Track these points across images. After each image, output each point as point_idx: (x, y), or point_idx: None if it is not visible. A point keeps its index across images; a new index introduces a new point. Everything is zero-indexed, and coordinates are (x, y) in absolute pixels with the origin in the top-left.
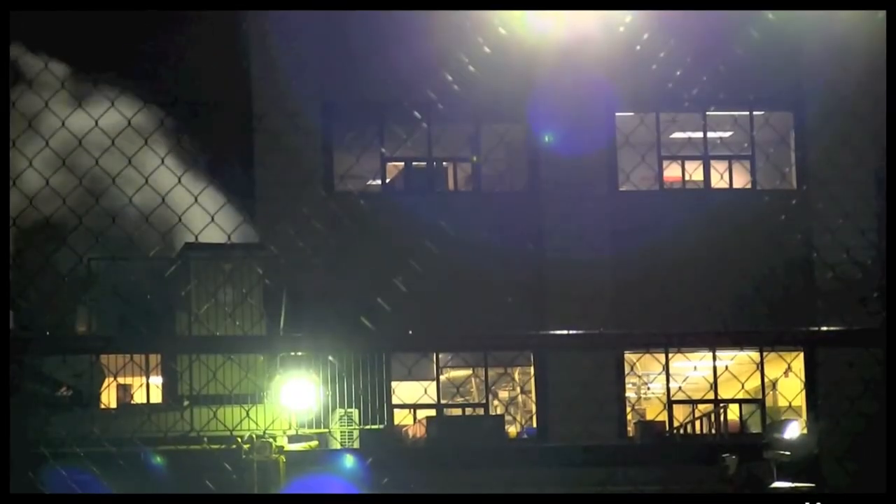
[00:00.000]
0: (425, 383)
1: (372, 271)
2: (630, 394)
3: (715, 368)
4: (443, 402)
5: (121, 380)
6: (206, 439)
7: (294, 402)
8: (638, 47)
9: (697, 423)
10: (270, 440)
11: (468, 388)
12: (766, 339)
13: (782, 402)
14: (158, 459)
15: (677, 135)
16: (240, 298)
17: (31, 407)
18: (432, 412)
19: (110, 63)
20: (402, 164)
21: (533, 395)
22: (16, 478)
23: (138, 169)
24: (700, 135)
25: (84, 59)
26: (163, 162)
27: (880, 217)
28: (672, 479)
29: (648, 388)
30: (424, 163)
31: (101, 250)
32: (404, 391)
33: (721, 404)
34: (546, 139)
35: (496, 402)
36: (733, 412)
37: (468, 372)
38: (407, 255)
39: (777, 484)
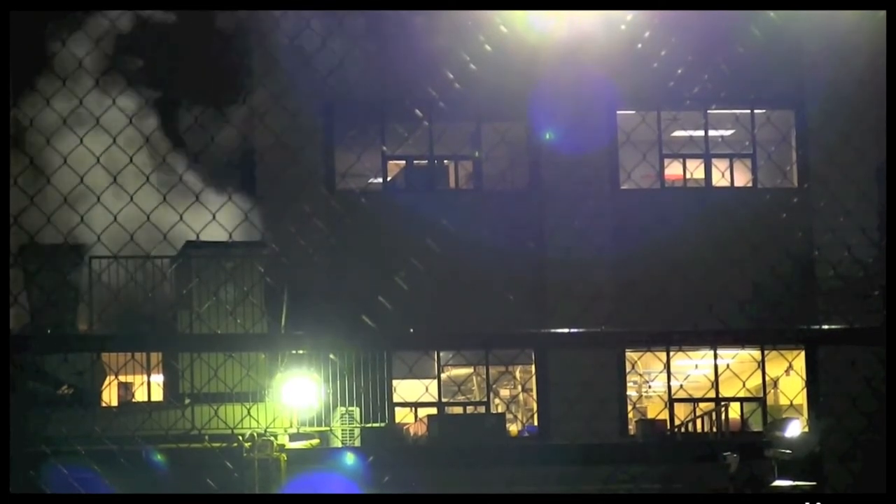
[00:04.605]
0: (426, 381)
1: (373, 269)
2: (631, 392)
3: (716, 367)
4: (444, 400)
5: (122, 378)
6: (207, 437)
7: (295, 400)
8: (639, 46)
9: (698, 421)
10: (272, 438)
11: (469, 387)
12: (767, 337)
13: (783, 401)
14: (160, 457)
15: (678, 133)
16: (241, 297)
17: (31, 405)
18: (433, 410)
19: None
20: (404, 162)
21: (534, 393)
22: (17, 477)
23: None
24: (701, 133)
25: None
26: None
27: (881, 215)
28: (673, 478)
29: (650, 387)
30: (426, 161)
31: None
32: (405, 389)
33: (722, 403)
34: (547, 137)
35: (497, 401)
36: (734, 410)
37: (469, 370)
38: (408, 254)
39: (778, 482)
